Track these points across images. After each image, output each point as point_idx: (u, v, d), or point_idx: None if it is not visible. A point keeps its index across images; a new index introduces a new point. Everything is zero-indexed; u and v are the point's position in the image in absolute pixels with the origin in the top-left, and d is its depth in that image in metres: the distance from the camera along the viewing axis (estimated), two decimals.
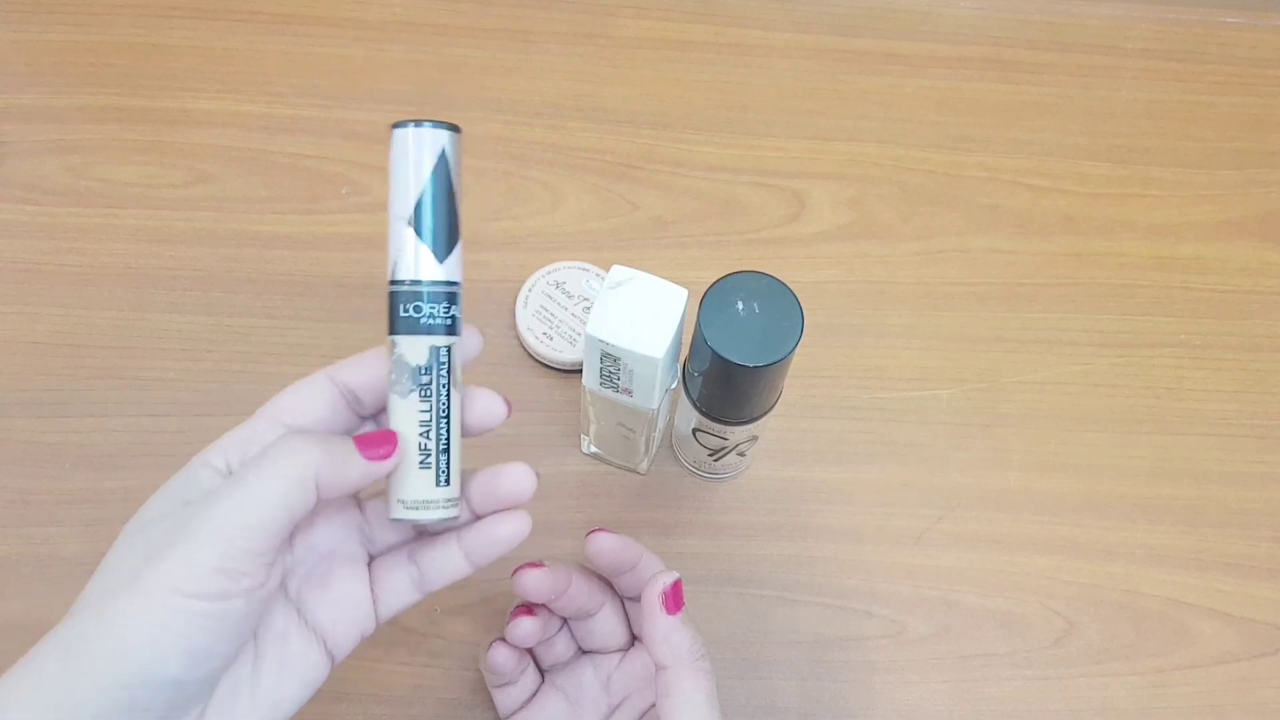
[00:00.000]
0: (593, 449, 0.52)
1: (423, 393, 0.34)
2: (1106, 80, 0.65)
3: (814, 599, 0.51)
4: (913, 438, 0.55)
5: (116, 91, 0.60)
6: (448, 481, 0.35)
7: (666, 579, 0.38)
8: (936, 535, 0.53)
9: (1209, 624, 0.52)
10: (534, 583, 0.39)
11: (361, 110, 0.61)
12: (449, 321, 0.34)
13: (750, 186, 0.60)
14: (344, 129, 0.60)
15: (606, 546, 0.40)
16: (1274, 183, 0.63)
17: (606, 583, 0.42)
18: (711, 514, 0.53)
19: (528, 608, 0.41)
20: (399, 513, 0.35)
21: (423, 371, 0.34)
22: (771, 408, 0.47)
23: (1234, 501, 0.54)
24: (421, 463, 0.34)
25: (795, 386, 0.54)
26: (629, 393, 0.45)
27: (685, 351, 0.46)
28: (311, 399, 0.35)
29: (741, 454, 0.50)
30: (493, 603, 0.50)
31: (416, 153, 0.33)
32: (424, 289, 0.34)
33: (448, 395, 0.34)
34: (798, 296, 0.42)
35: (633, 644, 0.44)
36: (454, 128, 0.34)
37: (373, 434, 0.34)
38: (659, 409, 0.46)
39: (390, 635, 0.49)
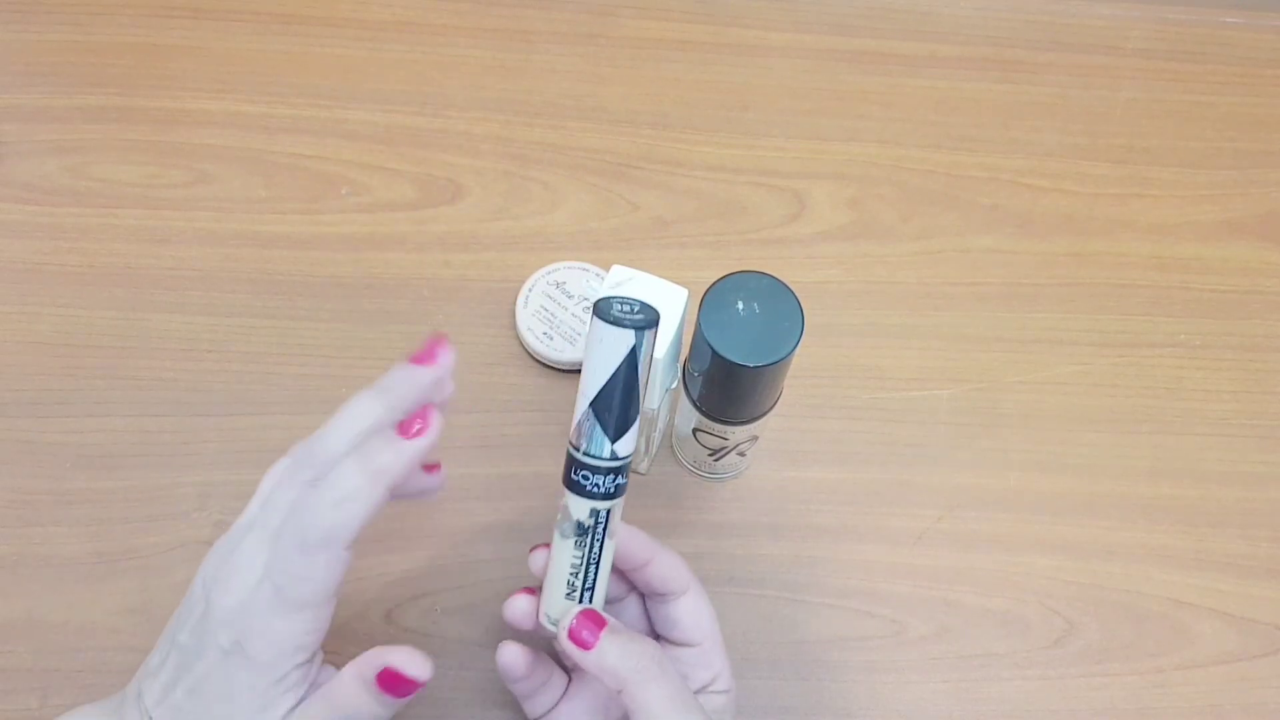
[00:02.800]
0: None
1: (578, 542, 0.38)
2: (1106, 80, 0.65)
3: (814, 599, 0.51)
4: (913, 438, 0.55)
5: (116, 91, 0.60)
6: None
7: (567, 619, 0.38)
8: (936, 535, 0.53)
9: (1209, 624, 0.52)
10: (511, 659, 0.41)
11: (361, 110, 0.61)
12: (611, 490, 0.37)
13: (750, 186, 0.60)
14: (344, 129, 0.60)
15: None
16: (1274, 183, 0.63)
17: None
18: (711, 514, 0.53)
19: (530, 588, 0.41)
20: (543, 620, 0.39)
21: (581, 528, 0.38)
22: (771, 408, 0.47)
23: (1234, 501, 0.54)
24: (568, 595, 0.39)
25: (795, 386, 0.54)
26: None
27: (685, 351, 0.46)
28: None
29: (741, 454, 0.50)
30: (494, 603, 0.50)
31: (608, 344, 0.36)
32: (592, 463, 0.37)
33: (600, 547, 0.38)
34: (798, 296, 0.42)
35: (657, 635, 0.44)
36: (648, 322, 0.36)
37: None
38: (659, 409, 0.46)
39: (390, 635, 0.49)
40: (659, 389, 0.44)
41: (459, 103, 0.61)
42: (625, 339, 0.35)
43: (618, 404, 0.36)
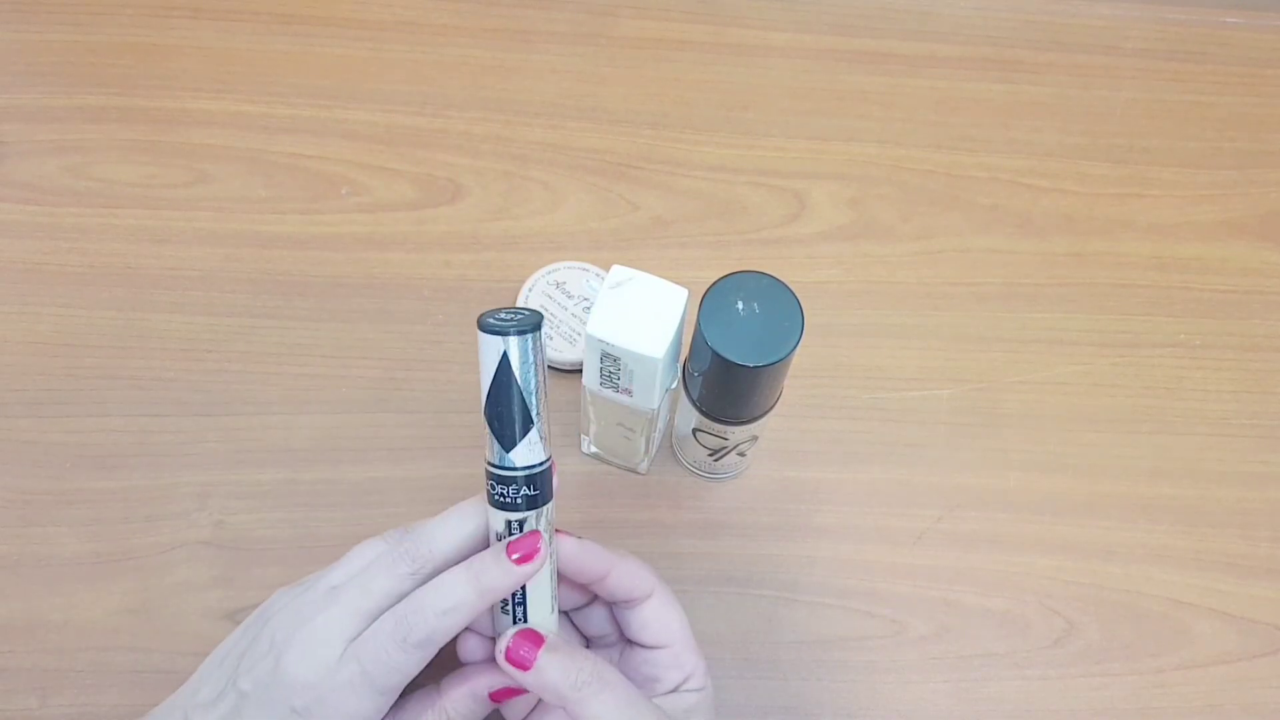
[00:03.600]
0: (593, 449, 0.52)
1: None
2: (1106, 80, 0.65)
3: (814, 599, 0.51)
4: (913, 438, 0.55)
5: (116, 91, 0.60)
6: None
7: (503, 641, 0.38)
8: (936, 535, 0.53)
9: (1209, 624, 0.52)
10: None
11: (361, 110, 0.61)
12: (519, 501, 0.37)
13: (750, 186, 0.60)
14: (344, 129, 0.60)
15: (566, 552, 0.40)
16: (1274, 183, 0.63)
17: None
18: (711, 514, 0.53)
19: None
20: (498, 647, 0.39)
21: (498, 538, 0.38)
22: (771, 408, 0.47)
23: (1234, 501, 0.54)
24: (503, 608, 0.39)
25: (795, 386, 0.54)
26: (629, 393, 0.45)
27: (685, 351, 0.46)
28: None
29: (741, 454, 0.50)
30: None
31: (484, 352, 0.36)
32: (494, 472, 0.37)
33: None
34: (798, 296, 0.42)
35: (623, 637, 0.43)
36: (523, 327, 0.36)
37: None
38: (659, 409, 0.46)
39: None
40: (659, 389, 0.44)
41: (459, 103, 0.61)
42: (496, 345, 0.36)
43: (503, 411, 0.36)
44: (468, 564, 0.38)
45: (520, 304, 0.55)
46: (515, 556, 0.38)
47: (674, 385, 0.48)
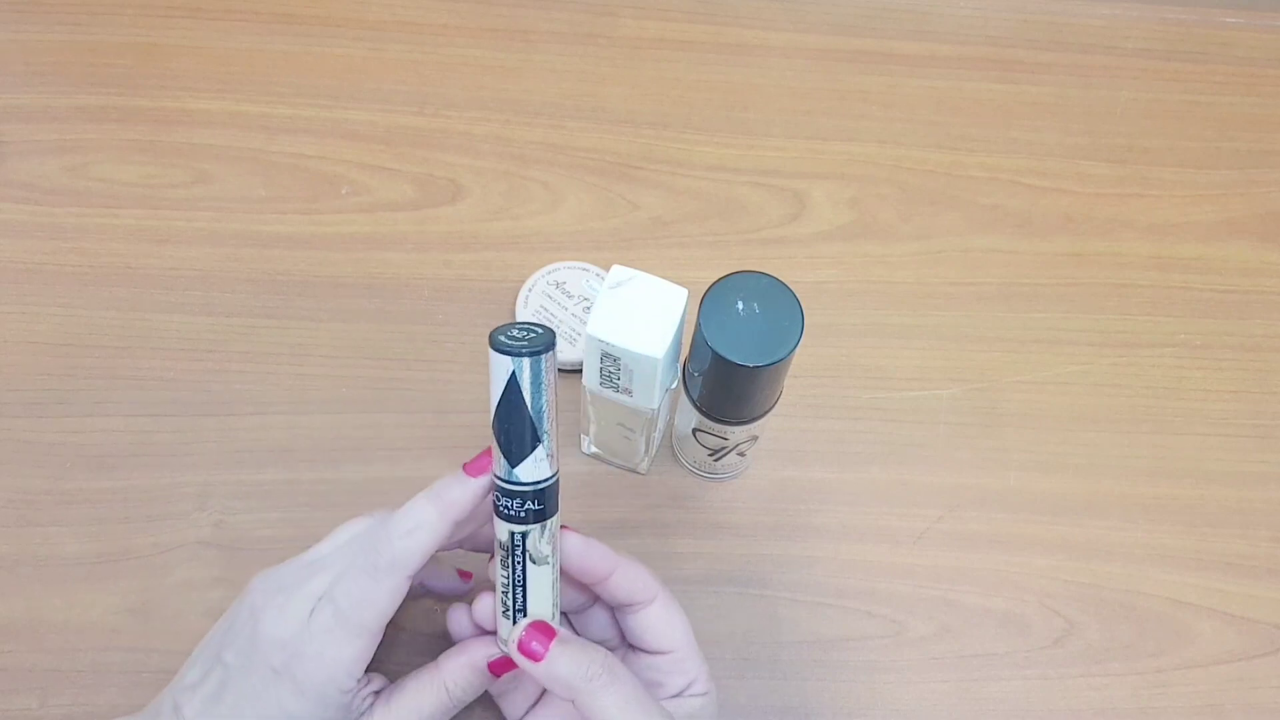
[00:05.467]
0: (593, 449, 0.52)
1: (503, 561, 0.39)
2: (1106, 80, 0.65)
3: (814, 599, 0.51)
4: (913, 438, 0.55)
5: (116, 91, 0.60)
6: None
7: (516, 631, 0.39)
8: (936, 535, 0.53)
9: (1209, 624, 0.52)
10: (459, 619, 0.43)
11: (361, 110, 0.61)
12: (523, 515, 0.38)
13: (750, 186, 0.60)
14: (344, 129, 0.60)
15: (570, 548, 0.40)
16: (1274, 183, 0.63)
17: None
18: (711, 514, 0.53)
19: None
20: (499, 644, 0.40)
21: (502, 547, 0.39)
22: (771, 408, 0.47)
23: (1234, 501, 0.54)
24: (504, 613, 0.40)
25: (795, 386, 0.54)
26: (629, 393, 0.45)
27: (685, 351, 0.46)
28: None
29: (741, 454, 0.50)
30: None
31: (494, 369, 0.37)
32: (501, 485, 0.38)
33: (522, 570, 0.39)
34: (798, 296, 0.42)
35: (624, 641, 0.44)
36: (535, 348, 0.36)
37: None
38: (659, 409, 0.46)
39: (389, 635, 0.49)
40: (659, 389, 0.44)
41: (459, 103, 0.61)
42: (505, 365, 0.36)
43: (510, 428, 0.37)
44: (428, 488, 0.39)
45: (520, 304, 0.55)
46: (471, 472, 0.39)
47: (674, 385, 0.48)
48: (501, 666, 0.41)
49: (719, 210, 0.59)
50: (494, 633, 0.41)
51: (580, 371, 0.48)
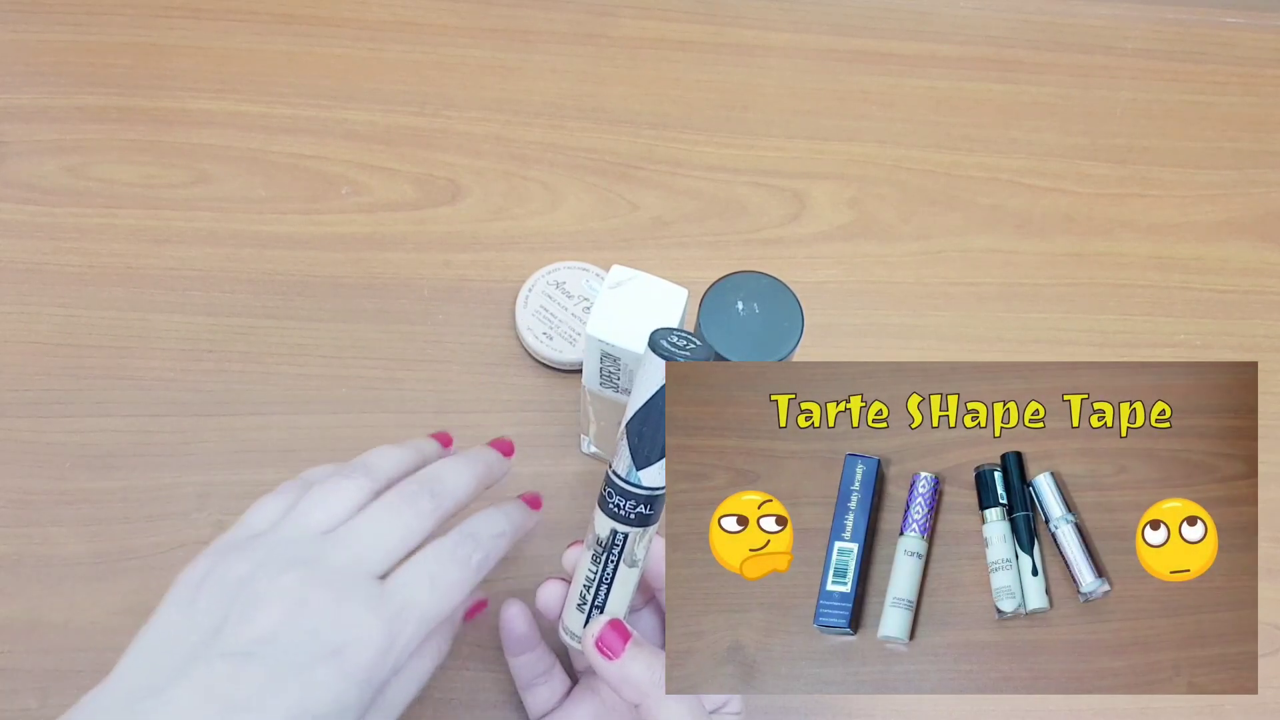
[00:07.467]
0: (593, 449, 0.52)
1: (595, 557, 0.39)
2: (1106, 80, 0.65)
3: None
4: None
5: (116, 91, 0.60)
6: None
7: (595, 627, 0.39)
8: None
9: None
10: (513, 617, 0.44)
11: (361, 110, 0.61)
12: (632, 516, 0.38)
13: (750, 186, 0.60)
14: (344, 129, 0.60)
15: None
16: (1274, 183, 0.63)
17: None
18: None
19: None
20: (562, 633, 0.41)
21: (599, 543, 0.39)
22: None
23: None
24: (579, 605, 0.40)
25: None
26: (629, 392, 0.45)
27: None
28: None
29: None
30: (495, 602, 0.50)
31: (647, 370, 0.36)
32: (618, 484, 0.38)
33: (615, 568, 0.39)
34: (798, 296, 0.42)
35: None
36: (694, 357, 0.36)
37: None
38: None
39: None
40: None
41: (459, 103, 0.61)
42: (660, 370, 0.36)
43: (646, 431, 0.36)
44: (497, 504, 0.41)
45: (520, 304, 0.55)
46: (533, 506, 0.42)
47: None
48: (473, 612, 0.42)
49: (719, 210, 0.59)
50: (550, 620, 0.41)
51: (580, 371, 0.48)
